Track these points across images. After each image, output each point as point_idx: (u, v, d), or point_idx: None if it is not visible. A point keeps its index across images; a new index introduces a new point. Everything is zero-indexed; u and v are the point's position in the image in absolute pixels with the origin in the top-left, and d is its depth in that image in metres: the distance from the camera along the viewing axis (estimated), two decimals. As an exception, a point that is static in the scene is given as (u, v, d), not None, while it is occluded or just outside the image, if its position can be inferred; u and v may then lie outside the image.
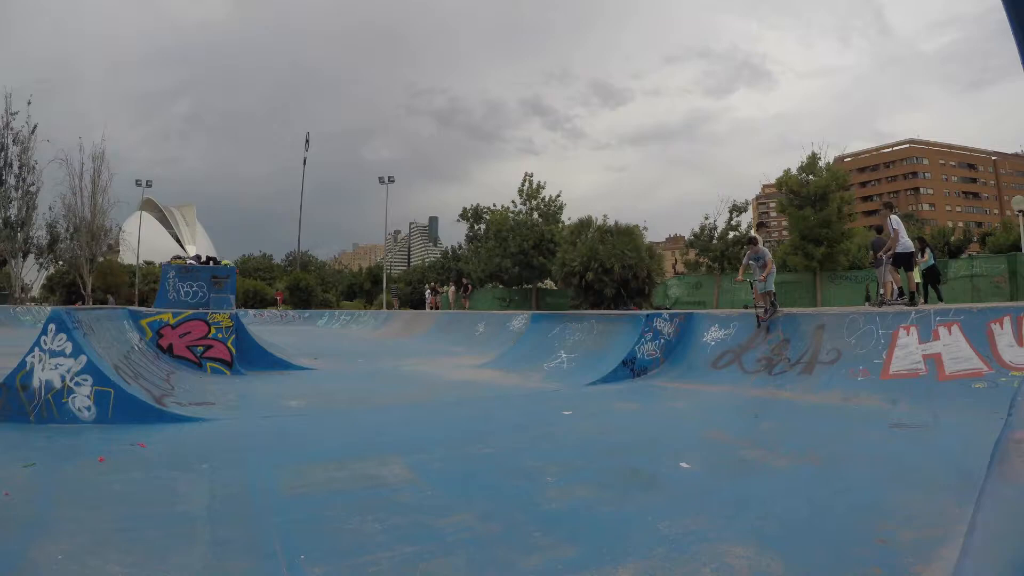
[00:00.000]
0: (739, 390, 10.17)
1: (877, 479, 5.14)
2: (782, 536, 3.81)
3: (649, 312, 14.26)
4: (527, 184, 58.61)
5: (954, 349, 8.63)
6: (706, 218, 45.49)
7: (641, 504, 4.51)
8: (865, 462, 5.77)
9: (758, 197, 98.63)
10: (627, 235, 42.71)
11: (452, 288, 40.33)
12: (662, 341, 12.55)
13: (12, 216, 51.14)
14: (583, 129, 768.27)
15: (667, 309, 29.22)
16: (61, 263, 57.55)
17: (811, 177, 38.91)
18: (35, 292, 60.75)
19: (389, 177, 63.91)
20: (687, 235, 50.01)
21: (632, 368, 11.99)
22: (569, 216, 55.91)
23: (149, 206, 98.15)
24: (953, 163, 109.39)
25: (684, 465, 5.59)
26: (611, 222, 44.91)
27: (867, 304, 15.57)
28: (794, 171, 39.66)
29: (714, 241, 44.34)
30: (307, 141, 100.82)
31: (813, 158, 38.97)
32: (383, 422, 8.08)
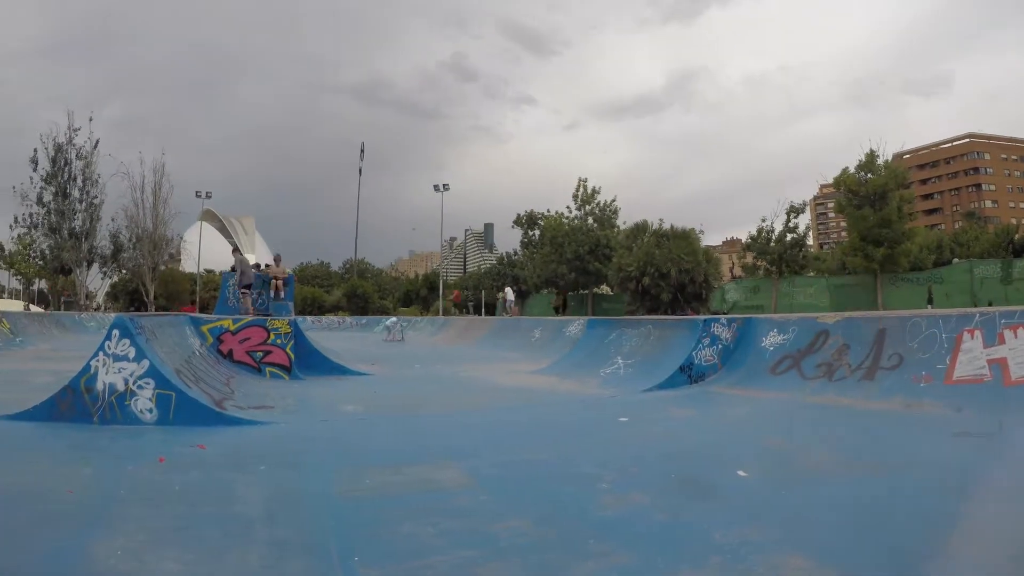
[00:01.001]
0: (798, 397, 9.89)
1: (941, 490, 4.93)
2: (842, 548, 3.66)
3: (707, 317, 14.03)
4: (581, 189, 58.55)
5: (1020, 353, 8.19)
6: (763, 220, 44.78)
7: (697, 512, 4.40)
8: (929, 472, 5.52)
9: (816, 198, 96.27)
10: (683, 239, 42.21)
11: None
12: (720, 347, 12.30)
13: (77, 227, 53.98)
14: (529, 94, 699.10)
15: (724, 314, 28.77)
16: (124, 271, 60.47)
17: (869, 176, 37.91)
18: (99, 299, 63.66)
19: (444, 185, 64.53)
20: (744, 237, 49.31)
21: (689, 374, 11.78)
22: (624, 220, 55.73)
23: (209, 216, 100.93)
24: (1016, 157, 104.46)
25: (741, 473, 5.43)
26: (667, 225, 44.50)
27: (929, 307, 15.49)
28: (852, 169, 38.68)
29: (771, 244, 43.58)
30: (362, 151, 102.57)
31: (871, 155, 37.99)
32: (439, 427, 8.09)
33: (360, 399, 10.21)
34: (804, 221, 45.50)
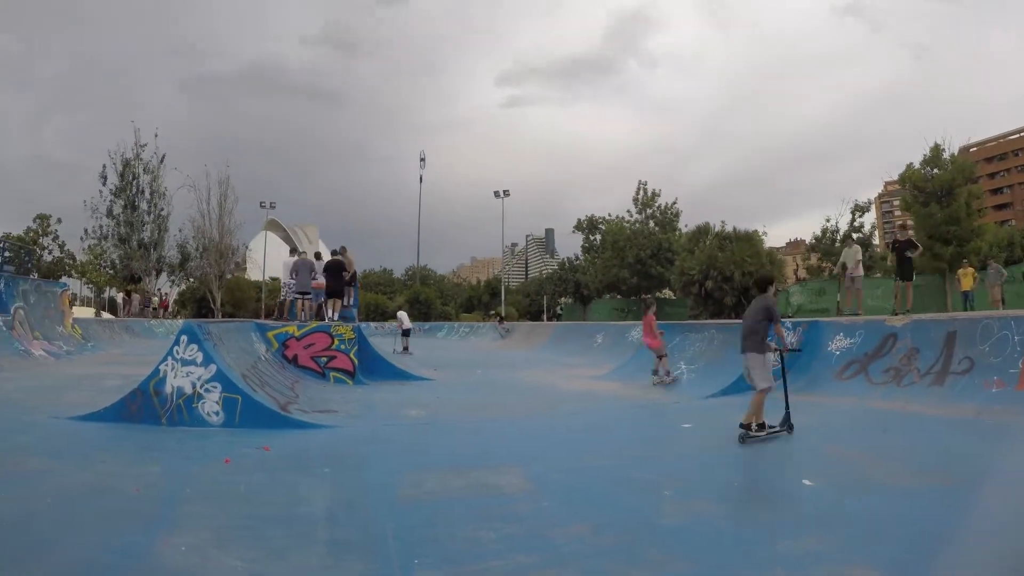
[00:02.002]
0: (865, 402, 9.56)
1: (1015, 501, 4.70)
2: (909, 561, 3.53)
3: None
4: (641, 192, 58.14)
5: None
6: (827, 220, 43.65)
7: (760, 521, 4.28)
8: (1001, 482, 5.27)
9: (880, 195, 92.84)
10: (746, 241, 41.53)
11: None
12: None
13: (146, 238, 56.96)
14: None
15: (789, 318, 28.09)
16: (192, 279, 62.89)
17: (935, 171, 36.47)
18: (169, 306, 66.07)
19: (505, 191, 64.80)
20: (808, 238, 48.16)
21: None
22: (686, 223, 55.12)
23: (273, 226, 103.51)
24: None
25: (806, 482, 5.27)
26: (729, 228, 43.83)
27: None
28: (916, 165, 37.31)
29: (836, 244, 42.36)
30: (422, 159, 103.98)
31: (936, 150, 36.54)
32: (501, 432, 8.08)
33: (422, 404, 10.28)
34: (869, 220, 44.19)
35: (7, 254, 24.78)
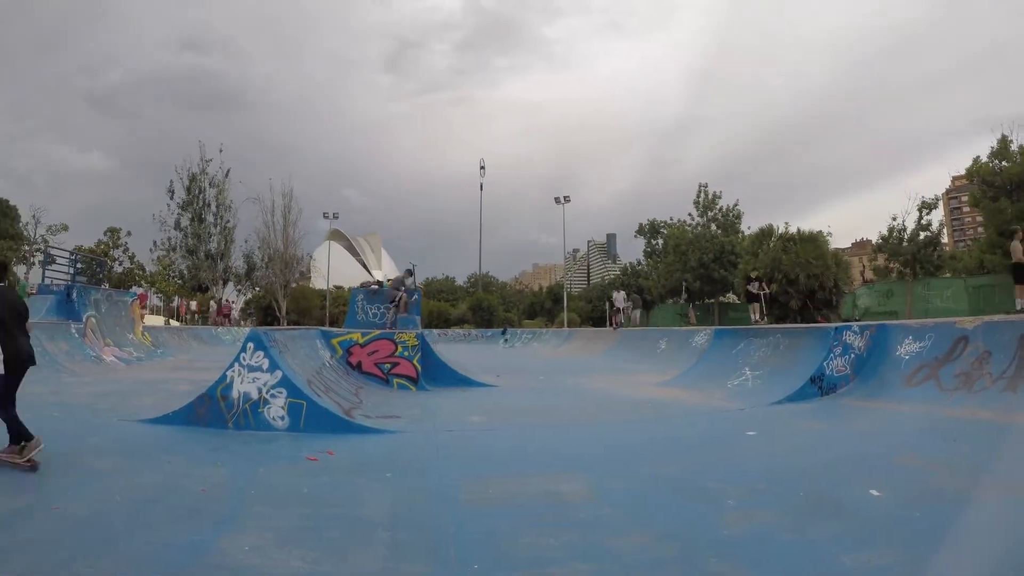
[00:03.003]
0: (935, 409, 9.16)
1: None
2: None
3: (838, 325, 13.26)
4: (702, 195, 57.42)
5: None
6: (893, 218, 42.04)
7: (825, 533, 4.13)
8: None
9: (948, 191, 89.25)
10: (811, 242, 40.40)
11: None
12: (852, 356, 11.61)
13: (212, 249, 59.81)
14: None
15: (856, 321, 27.25)
16: (258, 289, 65.15)
17: (1003, 164, 34.80)
18: (234, 315, 68.48)
19: (565, 197, 64.65)
20: (874, 238, 46.49)
21: (820, 386, 11.18)
22: (749, 225, 54.18)
23: (336, 236, 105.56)
24: None
25: (874, 492, 5.07)
26: (792, 229, 42.80)
27: None
28: (984, 158, 35.68)
29: (904, 244, 40.85)
30: (482, 167, 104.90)
31: (1004, 141, 34.86)
32: (563, 439, 8.04)
33: (485, 410, 10.30)
34: (937, 217, 42.26)
35: (79, 265, 25.85)
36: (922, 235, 40.22)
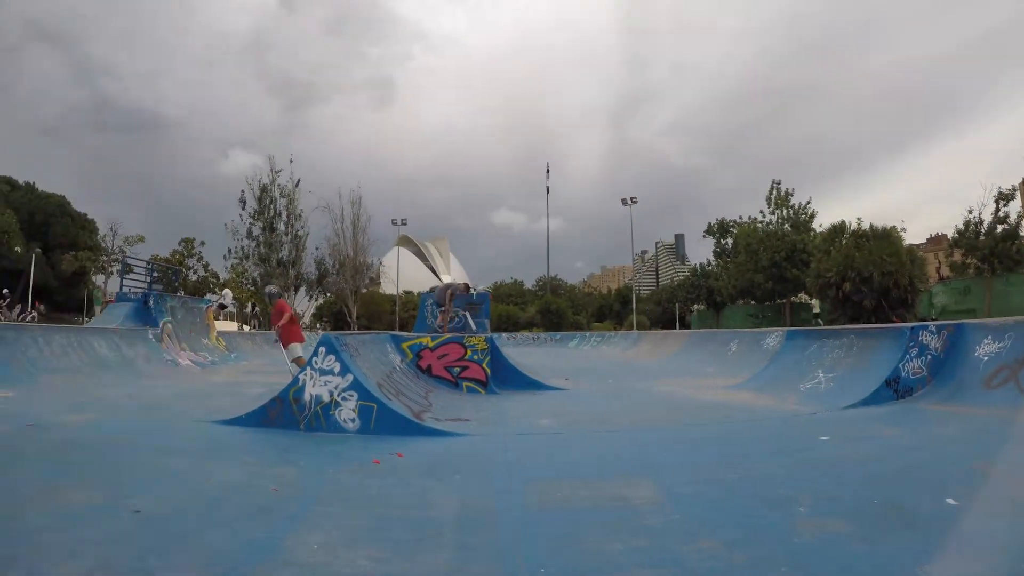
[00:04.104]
0: (1016, 414, 8.71)
1: None
2: None
3: (914, 325, 12.69)
4: (774, 192, 56.27)
5: None
6: (969, 211, 40.34)
7: (899, 542, 3.94)
8: None
9: None
10: (884, 238, 39.12)
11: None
12: (928, 357, 11.11)
13: (284, 257, 62.19)
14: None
15: (933, 320, 26.23)
16: (329, 295, 66.97)
17: None
18: (306, 320, 71.15)
19: (632, 198, 64.27)
20: (950, 232, 44.63)
21: (895, 389, 10.73)
22: (821, 223, 52.89)
23: (405, 242, 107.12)
24: None
25: (950, 501, 4.83)
26: (865, 225, 41.50)
27: None
28: None
29: (980, 238, 39.15)
30: (547, 171, 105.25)
31: None
32: (632, 443, 7.92)
33: (554, 413, 10.26)
34: (1015, 209, 40.31)
35: (155, 274, 26.88)
36: (1000, 228, 38.52)
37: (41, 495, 4.85)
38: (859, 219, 43.52)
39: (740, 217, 61.25)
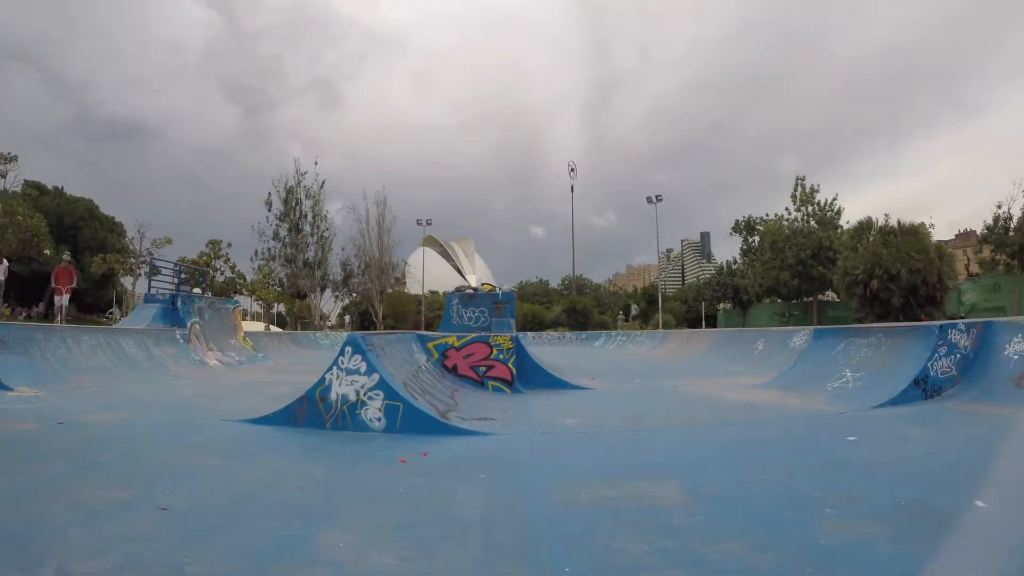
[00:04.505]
0: None
1: None
2: None
3: (942, 323, 12.44)
4: (799, 189, 55.73)
5: None
6: (998, 206, 39.58)
7: (927, 545, 3.86)
8: None
9: None
10: (912, 235, 38.54)
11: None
12: (958, 356, 10.88)
13: (310, 258, 63.13)
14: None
15: (962, 318, 25.80)
16: (355, 295, 67.59)
17: None
18: (332, 320, 72.00)
19: (657, 196, 63.97)
20: (979, 228, 43.79)
21: (924, 388, 10.53)
22: (848, 220, 52.31)
23: (430, 242, 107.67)
24: None
25: (979, 504, 4.74)
26: (892, 222, 40.93)
27: None
28: None
29: (1010, 233, 38.39)
30: (572, 169, 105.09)
31: None
32: (658, 442, 7.88)
33: (580, 413, 10.24)
34: None
35: (183, 275, 27.24)
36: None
37: (70, 492, 4.92)
38: (886, 215, 43.03)
39: (766, 214, 60.76)
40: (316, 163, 63.84)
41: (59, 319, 23.10)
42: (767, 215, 60.82)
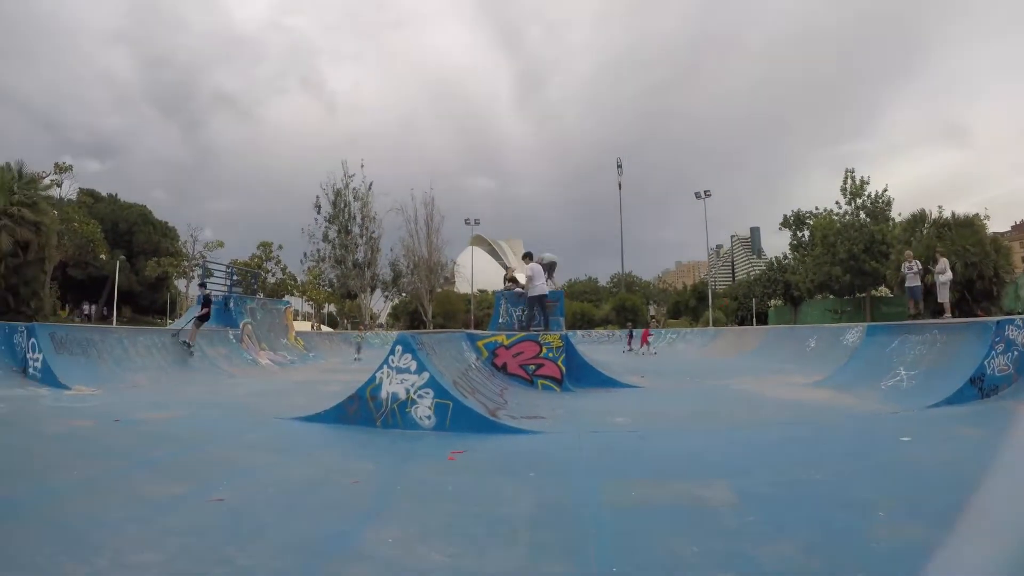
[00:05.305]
0: None
1: None
2: None
3: (999, 319, 11.93)
4: (849, 181, 54.44)
5: None
6: None
7: (982, 550, 3.76)
8: None
9: None
10: (966, 227, 37.43)
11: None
12: (1015, 353, 10.41)
13: (359, 259, 64.07)
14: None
15: (1019, 313, 24.97)
16: (404, 295, 68.46)
17: None
18: (382, 319, 72.96)
19: (706, 191, 63.22)
20: None
21: (980, 387, 10.12)
22: (900, 212, 50.99)
23: (478, 241, 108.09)
24: None
25: None
26: (947, 214, 39.81)
27: None
28: None
29: None
30: (619, 165, 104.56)
31: None
32: (708, 442, 7.79)
33: (629, 412, 10.17)
34: None
35: (235, 277, 27.80)
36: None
37: (126, 487, 5.10)
38: (940, 207, 41.92)
39: (816, 208, 59.58)
40: (362, 165, 64.72)
41: None
42: (817, 209, 59.76)
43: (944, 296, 18.69)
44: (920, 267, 19.40)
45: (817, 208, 59.36)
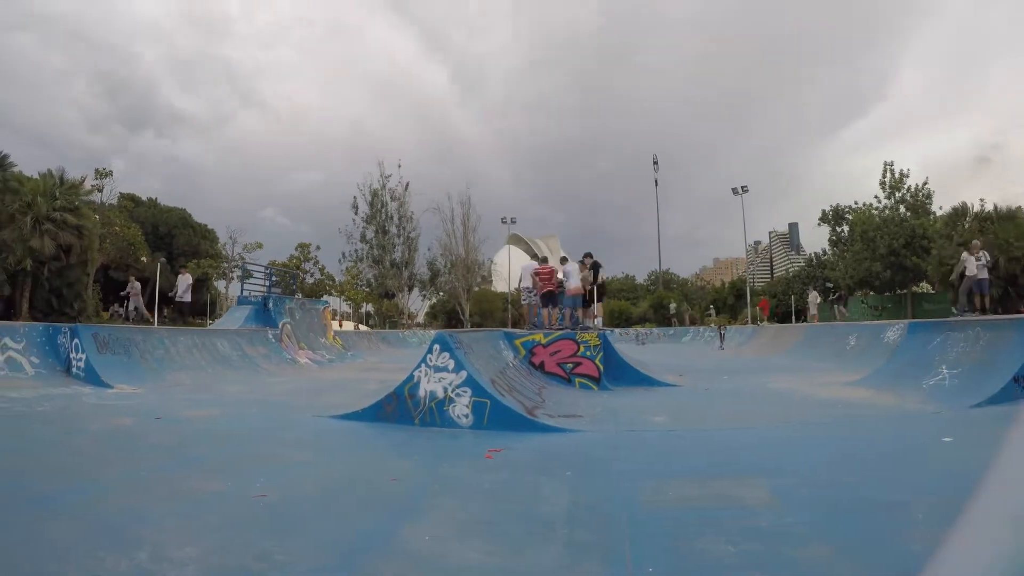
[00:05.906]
0: None
1: None
2: None
3: None
4: (888, 175, 53.31)
5: None
6: None
7: None
8: None
9: None
10: (1010, 220, 36.36)
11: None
12: None
13: (397, 258, 64.46)
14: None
15: None
16: (442, 294, 69.04)
17: None
18: (420, 318, 73.69)
19: (743, 187, 62.40)
20: None
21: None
22: (940, 206, 49.78)
23: (515, 240, 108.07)
24: None
25: None
26: (989, 207, 38.77)
27: None
28: None
29: None
30: (655, 162, 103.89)
31: None
32: (746, 441, 7.69)
33: (667, 410, 10.11)
34: None
35: (274, 278, 28.19)
36: None
37: (167, 483, 5.22)
38: (982, 200, 40.92)
39: (855, 202, 58.49)
40: (399, 166, 65.08)
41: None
42: (856, 203, 58.72)
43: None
44: (989, 258, 18.82)
45: (856, 203, 58.37)
